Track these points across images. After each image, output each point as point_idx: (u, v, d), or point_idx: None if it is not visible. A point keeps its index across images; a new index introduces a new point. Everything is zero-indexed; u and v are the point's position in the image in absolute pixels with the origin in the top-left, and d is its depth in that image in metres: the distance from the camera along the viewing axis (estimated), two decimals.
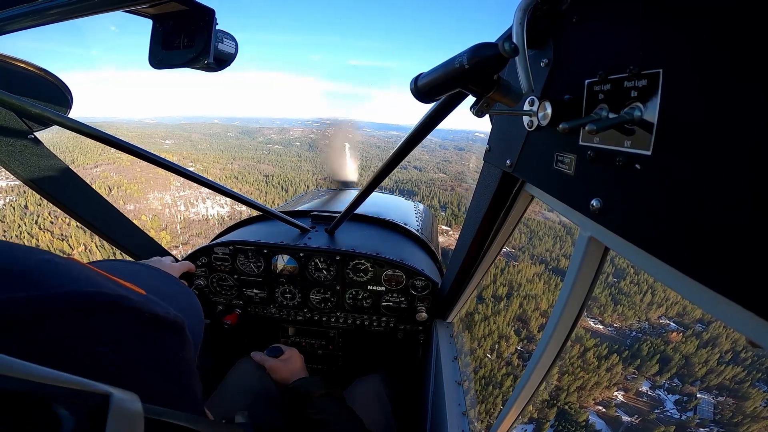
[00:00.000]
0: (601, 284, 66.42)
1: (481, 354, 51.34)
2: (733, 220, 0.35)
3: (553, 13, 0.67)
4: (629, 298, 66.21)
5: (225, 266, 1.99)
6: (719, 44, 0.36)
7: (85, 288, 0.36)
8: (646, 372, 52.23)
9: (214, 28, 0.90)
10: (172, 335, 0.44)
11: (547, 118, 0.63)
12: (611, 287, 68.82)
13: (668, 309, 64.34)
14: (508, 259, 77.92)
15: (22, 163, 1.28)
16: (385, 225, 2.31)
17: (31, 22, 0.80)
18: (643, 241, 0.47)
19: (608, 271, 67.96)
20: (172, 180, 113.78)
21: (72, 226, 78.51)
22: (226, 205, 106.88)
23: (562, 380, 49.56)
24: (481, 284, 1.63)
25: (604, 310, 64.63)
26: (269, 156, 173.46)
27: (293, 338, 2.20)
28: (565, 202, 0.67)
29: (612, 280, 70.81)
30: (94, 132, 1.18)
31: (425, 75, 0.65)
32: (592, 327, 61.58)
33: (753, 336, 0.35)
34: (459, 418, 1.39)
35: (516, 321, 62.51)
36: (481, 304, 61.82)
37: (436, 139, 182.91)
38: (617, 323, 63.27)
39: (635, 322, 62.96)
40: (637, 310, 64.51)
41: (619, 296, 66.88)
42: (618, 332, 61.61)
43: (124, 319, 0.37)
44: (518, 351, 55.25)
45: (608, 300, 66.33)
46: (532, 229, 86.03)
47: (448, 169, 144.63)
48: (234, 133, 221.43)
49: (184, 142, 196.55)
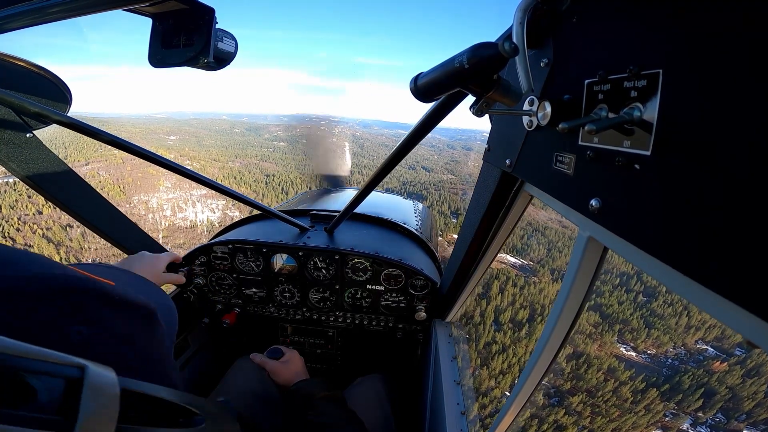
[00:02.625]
0: (631, 305, 61.28)
1: (499, 394, 45.19)
2: (732, 221, 0.35)
3: (553, 13, 0.67)
4: (663, 321, 60.31)
5: (224, 265, 1.99)
6: (719, 44, 0.36)
7: (56, 271, 0.37)
8: (687, 407, 47.52)
9: (214, 26, 0.90)
10: (142, 319, 0.45)
11: (547, 118, 0.63)
12: (642, 308, 62.47)
13: (706, 332, 59.21)
14: (526, 274, 71.55)
15: (20, 161, 1.27)
16: (384, 224, 2.31)
17: (32, 21, 0.80)
18: (642, 241, 0.47)
19: (637, 290, 62.82)
20: (161, 181, 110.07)
21: (37, 234, 76.21)
22: (217, 209, 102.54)
23: (594, 422, 45.18)
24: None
25: (637, 335, 58.37)
26: (274, 154, 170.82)
27: (292, 337, 2.20)
28: (564, 202, 0.67)
29: (642, 299, 64.03)
30: (94, 130, 1.18)
31: (425, 74, 0.65)
32: (624, 354, 55.75)
33: (752, 337, 0.35)
34: (458, 417, 1.39)
35: None
36: (498, 332, 54.85)
37: (444, 139, 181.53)
38: (652, 349, 57.68)
39: (671, 348, 57.50)
40: (672, 334, 58.72)
41: (652, 319, 60.77)
42: (653, 360, 56.13)
43: (95, 302, 0.39)
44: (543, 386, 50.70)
45: (640, 323, 59.92)
46: (550, 239, 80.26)
47: (456, 169, 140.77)
48: (240, 130, 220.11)
49: (189, 137, 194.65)
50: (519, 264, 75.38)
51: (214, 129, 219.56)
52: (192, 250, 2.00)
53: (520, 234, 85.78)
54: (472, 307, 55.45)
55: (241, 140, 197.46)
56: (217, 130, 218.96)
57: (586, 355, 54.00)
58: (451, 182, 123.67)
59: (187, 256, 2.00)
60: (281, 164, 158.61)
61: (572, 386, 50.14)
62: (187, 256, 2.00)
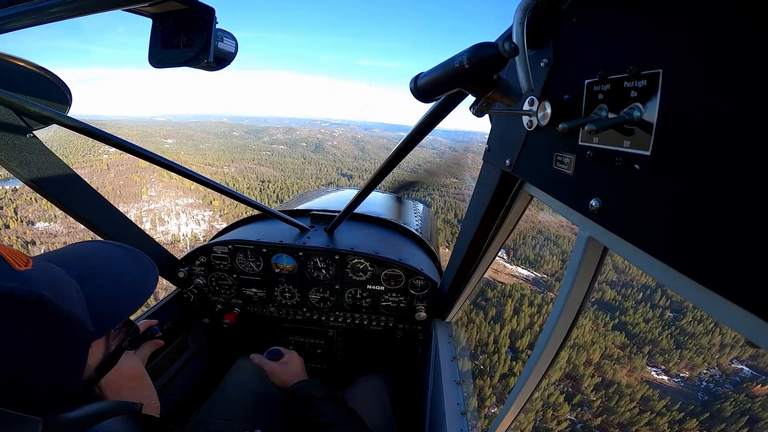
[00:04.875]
0: (659, 323, 58.04)
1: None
2: (731, 221, 0.35)
3: (553, 13, 0.67)
4: (695, 339, 55.93)
5: (224, 265, 1.99)
6: (719, 45, 0.36)
7: None
8: None
9: (214, 26, 0.90)
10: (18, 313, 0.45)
11: (547, 118, 0.63)
12: (671, 326, 58.43)
13: (741, 351, 54.78)
14: (542, 289, 67.04)
15: (21, 162, 1.27)
16: (384, 224, 2.31)
17: (32, 21, 0.80)
18: (642, 241, 0.47)
19: (663, 305, 59.85)
20: (144, 189, 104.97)
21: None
22: (203, 221, 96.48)
23: None
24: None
25: (669, 357, 53.83)
26: (272, 157, 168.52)
27: (292, 338, 2.20)
28: (564, 201, 0.67)
29: (670, 316, 60.08)
30: (93, 130, 1.18)
31: (425, 74, 0.65)
32: (656, 379, 51.17)
33: (752, 336, 0.35)
34: (458, 417, 1.39)
35: (565, 378, 48.59)
36: (516, 361, 47.37)
37: (445, 141, 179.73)
38: (685, 372, 53.25)
39: (705, 370, 52.88)
40: (706, 354, 54.14)
41: (681, 338, 56.63)
42: (687, 384, 51.48)
43: None
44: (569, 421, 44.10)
45: (670, 343, 55.72)
46: (563, 249, 76.39)
47: (459, 173, 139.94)
48: (239, 133, 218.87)
49: (186, 141, 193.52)
50: (533, 277, 71.82)
51: (213, 132, 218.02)
52: (192, 250, 2.00)
53: (531, 244, 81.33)
54: (485, 334, 49.64)
55: (239, 143, 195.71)
56: (216, 132, 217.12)
57: (617, 385, 49.16)
58: (456, 187, 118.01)
59: (187, 257, 2.00)
60: (279, 168, 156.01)
61: (603, 421, 45.53)
62: (187, 256, 2.00)
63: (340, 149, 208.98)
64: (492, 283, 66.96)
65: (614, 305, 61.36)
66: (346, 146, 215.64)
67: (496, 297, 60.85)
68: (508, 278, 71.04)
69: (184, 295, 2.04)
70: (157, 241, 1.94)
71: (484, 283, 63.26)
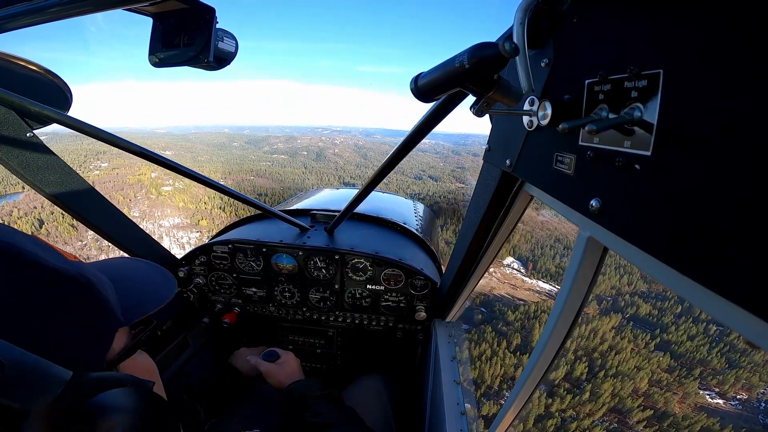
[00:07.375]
0: (706, 340, 52.53)
1: None
2: (732, 221, 0.35)
3: (554, 13, 0.67)
4: (747, 356, 49.87)
5: (224, 265, 1.99)
6: (719, 45, 0.36)
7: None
8: None
9: (215, 26, 0.90)
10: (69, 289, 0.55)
11: (547, 118, 0.63)
12: (719, 342, 52.84)
13: None
14: None
15: (21, 161, 1.28)
16: (384, 224, 2.31)
17: (32, 20, 0.80)
18: (643, 242, 0.47)
19: (705, 318, 52.40)
20: (132, 204, 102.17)
21: None
22: (188, 245, 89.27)
23: None
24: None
25: (724, 380, 48.35)
26: (271, 168, 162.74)
27: (292, 337, 2.20)
28: (564, 202, 0.67)
29: (715, 330, 53.76)
30: (93, 130, 1.19)
31: (425, 74, 0.65)
32: (710, 403, 46.09)
33: (752, 337, 0.35)
34: (457, 417, 1.39)
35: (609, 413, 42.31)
36: (552, 398, 42.01)
37: (448, 144, 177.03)
38: (742, 394, 48.08)
39: (763, 390, 47.22)
40: (762, 372, 49.27)
41: (732, 355, 51.13)
42: (746, 407, 46.24)
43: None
44: None
45: (722, 362, 50.49)
46: None
47: (464, 177, 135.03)
48: (239, 143, 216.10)
49: (185, 153, 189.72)
50: (555, 292, 64.31)
51: (212, 143, 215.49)
52: (192, 250, 2.00)
53: (551, 254, 75.88)
54: (510, 367, 43.36)
55: (238, 154, 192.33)
56: (215, 143, 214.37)
57: (672, 417, 44.08)
58: (463, 192, 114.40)
59: (187, 256, 2.00)
60: (277, 180, 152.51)
61: None
62: (187, 255, 2.00)
63: (342, 157, 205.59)
64: (512, 303, 61.22)
65: (652, 321, 55.42)
66: (348, 154, 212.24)
67: (518, 320, 54.06)
68: (528, 294, 66.22)
69: (184, 294, 2.04)
70: (153, 238, 1.93)
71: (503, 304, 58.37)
